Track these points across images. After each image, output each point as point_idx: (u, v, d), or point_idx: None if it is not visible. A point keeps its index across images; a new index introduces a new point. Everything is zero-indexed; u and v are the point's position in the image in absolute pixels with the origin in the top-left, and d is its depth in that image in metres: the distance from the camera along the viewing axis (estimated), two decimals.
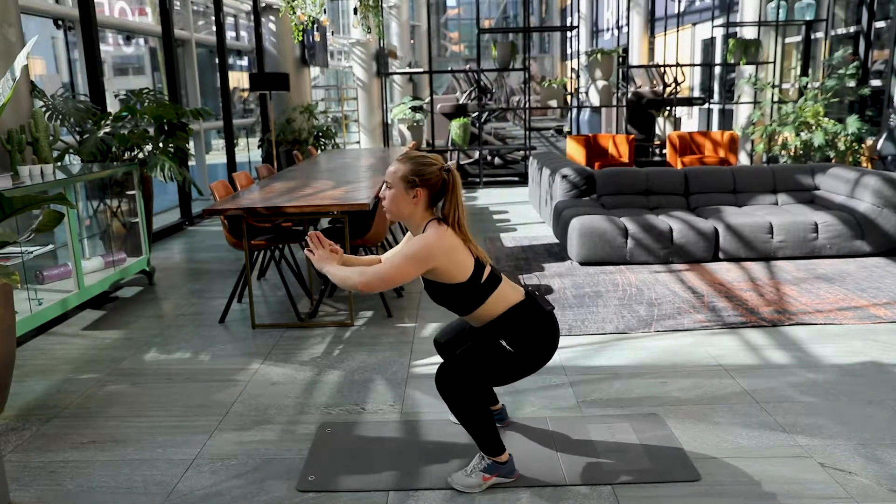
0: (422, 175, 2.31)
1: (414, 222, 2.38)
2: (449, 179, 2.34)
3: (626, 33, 13.29)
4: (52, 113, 5.39)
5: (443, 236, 2.29)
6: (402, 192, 2.33)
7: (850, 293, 4.53)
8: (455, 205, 2.34)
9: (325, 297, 4.79)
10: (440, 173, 2.33)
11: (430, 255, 2.27)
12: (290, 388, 3.34)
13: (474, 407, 2.35)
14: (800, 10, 9.41)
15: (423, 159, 2.34)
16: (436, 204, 2.38)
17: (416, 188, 2.32)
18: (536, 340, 2.38)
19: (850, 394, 3.11)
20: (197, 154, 8.95)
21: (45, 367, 3.71)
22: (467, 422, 2.37)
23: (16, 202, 2.71)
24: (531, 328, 2.38)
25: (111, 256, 5.02)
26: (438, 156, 2.42)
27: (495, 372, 2.38)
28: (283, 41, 10.44)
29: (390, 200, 2.35)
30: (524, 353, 2.37)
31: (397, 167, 2.34)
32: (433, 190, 2.33)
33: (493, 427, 2.41)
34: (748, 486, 2.41)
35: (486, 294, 2.35)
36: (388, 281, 2.29)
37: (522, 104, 11.00)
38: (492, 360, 2.37)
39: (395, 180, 2.33)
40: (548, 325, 2.40)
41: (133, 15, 8.71)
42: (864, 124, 7.89)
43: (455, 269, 2.31)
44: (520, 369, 2.40)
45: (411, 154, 2.38)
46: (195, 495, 2.45)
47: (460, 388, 2.32)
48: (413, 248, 2.29)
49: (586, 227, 5.39)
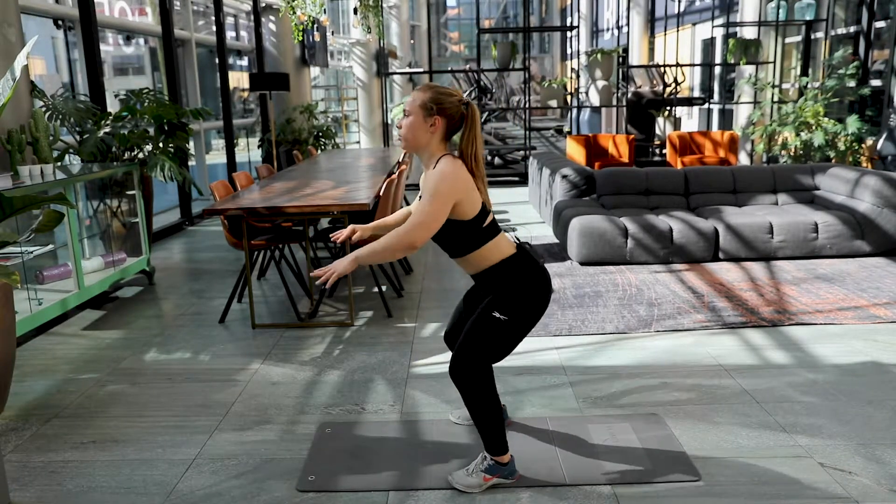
0: (440, 104, 2.30)
1: (428, 153, 2.36)
2: (468, 113, 2.33)
3: (626, 33, 13.29)
4: (52, 113, 5.39)
5: (458, 168, 2.28)
6: (420, 120, 2.32)
7: (850, 293, 4.53)
8: (473, 139, 2.33)
9: (325, 297, 4.79)
10: (459, 105, 2.33)
11: (454, 188, 2.25)
12: (290, 388, 3.34)
13: (487, 400, 2.36)
14: (800, 10, 9.41)
15: (444, 90, 2.34)
16: (451, 136, 2.37)
17: (433, 116, 2.31)
18: (528, 294, 2.37)
19: (850, 394, 3.11)
20: (197, 154, 8.95)
21: (45, 367, 3.71)
22: (479, 415, 2.38)
23: (16, 202, 2.71)
24: (524, 279, 2.37)
25: (111, 256, 5.02)
26: (458, 89, 2.42)
27: (497, 342, 2.38)
28: (283, 41, 10.44)
29: (407, 128, 2.34)
30: (517, 313, 2.36)
31: (417, 95, 2.34)
32: (451, 121, 2.33)
33: (502, 426, 2.43)
34: (748, 486, 2.41)
35: (484, 239, 2.35)
36: (428, 226, 2.24)
37: (522, 104, 11.00)
38: (490, 332, 2.37)
39: (414, 108, 2.33)
40: (540, 277, 2.40)
41: (133, 15, 8.71)
42: (864, 124, 7.89)
43: (467, 205, 2.29)
44: (517, 331, 2.39)
45: (431, 84, 2.38)
46: (195, 495, 2.45)
47: (472, 373, 2.34)
48: (435, 185, 2.25)
49: (586, 227, 5.39)
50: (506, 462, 2.43)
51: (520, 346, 3.66)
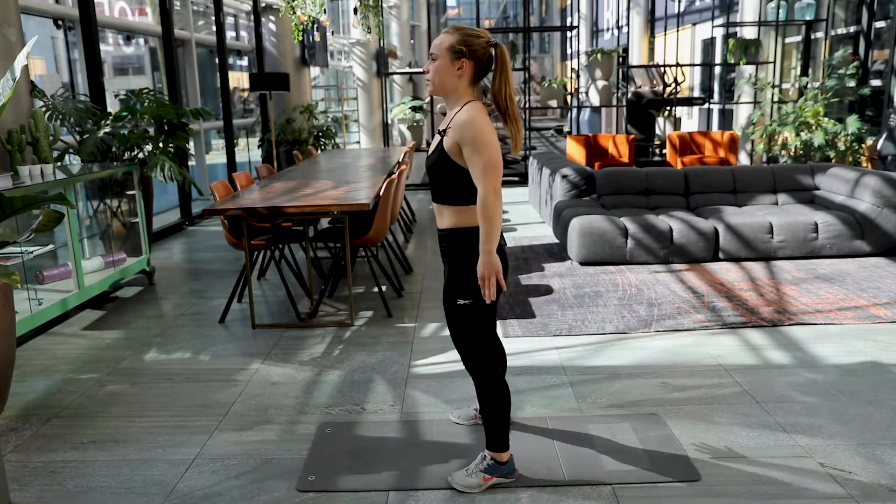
0: (469, 45, 2.27)
1: (455, 96, 2.33)
2: (497, 53, 2.29)
3: (626, 33, 13.29)
4: (52, 113, 5.39)
5: (484, 114, 2.26)
6: (448, 63, 2.28)
7: (850, 293, 4.53)
8: (504, 81, 2.29)
9: (325, 297, 4.78)
10: (487, 47, 2.29)
11: (489, 134, 2.22)
12: (290, 388, 3.34)
13: (500, 394, 2.39)
14: (800, 10, 9.41)
15: (472, 31, 2.30)
16: (480, 80, 2.34)
17: (462, 59, 2.27)
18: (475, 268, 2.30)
19: (850, 394, 3.11)
20: (197, 154, 8.95)
21: (45, 367, 3.71)
22: (490, 406, 2.40)
23: (16, 202, 2.71)
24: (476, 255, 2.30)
25: (111, 256, 5.02)
26: (487, 31, 2.38)
27: (475, 324, 2.36)
28: (283, 41, 10.44)
29: (434, 71, 2.31)
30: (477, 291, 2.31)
31: (444, 38, 2.30)
32: (479, 63, 2.29)
33: (508, 424, 2.44)
34: (748, 486, 2.41)
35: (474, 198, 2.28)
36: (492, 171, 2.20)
37: (522, 104, 11.00)
38: (464, 320, 2.36)
39: (441, 51, 2.29)
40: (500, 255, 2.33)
41: (133, 15, 8.71)
42: (864, 124, 7.89)
43: None
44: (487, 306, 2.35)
45: (457, 26, 2.34)
46: (195, 495, 2.45)
47: (479, 360, 2.37)
48: (475, 139, 2.21)
49: (586, 227, 5.39)
50: (505, 461, 2.43)
51: (520, 346, 3.68)
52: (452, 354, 3.67)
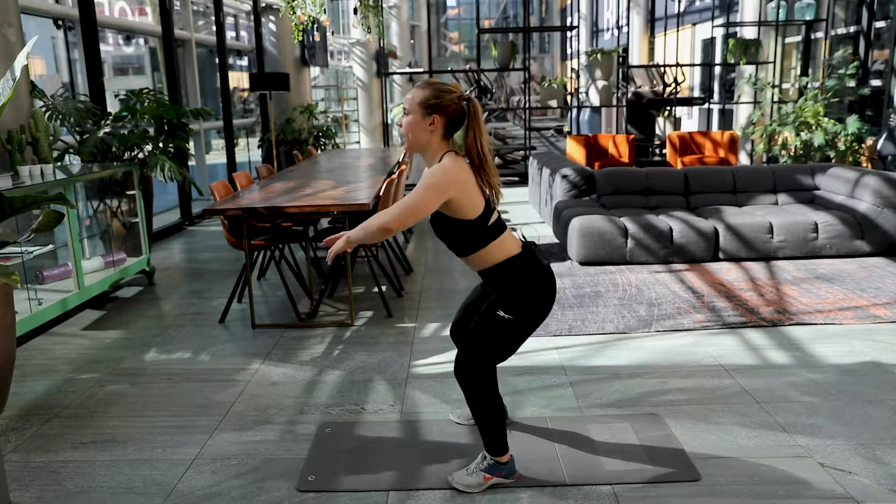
0: (440, 101, 2.28)
1: (430, 151, 2.34)
2: (469, 107, 2.29)
3: (626, 33, 13.29)
4: (52, 113, 5.39)
5: (460, 166, 2.27)
6: (419, 119, 2.30)
7: (850, 293, 4.53)
8: (477, 133, 2.30)
9: (325, 297, 4.78)
10: (459, 101, 2.30)
11: (450, 183, 2.23)
12: (290, 388, 3.34)
13: (490, 399, 2.36)
14: (800, 10, 9.41)
15: (443, 86, 2.31)
16: (453, 134, 2.34)
17: (433, 115, 2.28)
18: (533, 294, 2.36)
19: (850, 394, 3.11)
20: (197, 154, 8.95)
21: (45, 367, 3.71)
22: (481, 414, 2.38)
23: (16, 202, 2.71)
24: (528, 280, 2.35)
25: (111, 256, 5.02)
26: (459, 84, 2.39)
27: (501, 340, 2.37)
28: (283, 41, 10.44)
29: (407, 126, 2.32)
30: (521, 312, 2.35)
31: (416, 93, 2.31)
32: (451, 118, 2.30)
33: (503, 426, 2.43)
34: (748, 486, 2.41)
35: (489, 238, 2.33)
36: (413, 211, 2.23)
37: (522, 104, 11.00)
38: (494, 331, 2.36)
39: (413, 106, 2.31)
40: (545, 277, 2.39)
41: (133, 15, 8.71)
42: (864, 124, 7.89)
43: (467, 205, 2.28)
44: (522, 331, 2.38)
45: (430, 81, 2.35)
46: (195, 495, 2.45)
47: (475, 371, 2.34)
48: (432, 177, 2.25)
49: (586, 227, 5.39)
50: (505, 462, 2.43)
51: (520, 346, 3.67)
52: (452, 354, 3.65)
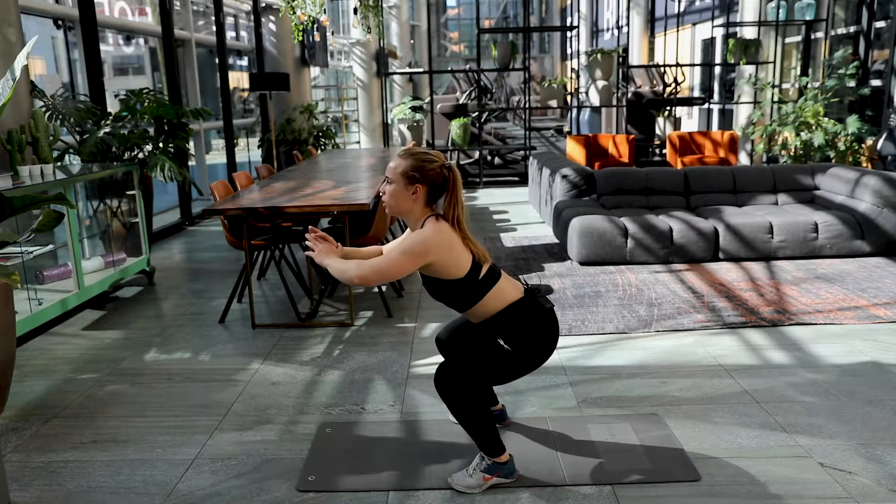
0: (422, 171, 2.32)
1: (412, 218, 2.38)
2: (450, 177, 2.34)
3: (626, 33, 13.29)
4: (52, 113, 5.39)
5: (440, 232, 2.29)
6: (402, 188, 2.33)
7: (850, 293, 4.53)
8: (455, 202, 2.35)
9: (325, 297, 4.79)
10: (441, 170, 2.34)
11: (427, 250, 2.27)
12: (290, 388, 3.34)
13: (473, 407, 2.34)
14: (800, 10, 9.41)
15: (425, 156, 2.35)
16: (435, 201, 2.39)
17: (415, 184, 2.32)
18: (535, 338, 2.37)
19: (850, 394, 3.11)
20: (197, 154, 8.95)
21: (45, 367, 3.71)
22: (466, 422, 2.37)
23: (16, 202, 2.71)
24: (530, 325, 2.37)
25: (111, 256, 5.02)
26: (440, 153, 2.42)
27: (494, 371, 2.38)
28: (283, 41, 10.44)
29: (390, 195, 2.36)
30: (523, 351, 2.37)
31: (398, 163, 2.35)
32: (433, 187, 2.34)
33: (493, 427, 2.41)
34: (748, 486, 2.41)
35: (483, 290, 2.35)
36: (385, 275, 2.30)
37: (522, 104, 11.00)
38: (490, 359, 2.37)
39: (396, 176, 2.34)
40: (547, 322, 2.39)
41: (133, 15, 8.71)
42: (864, 124, 7.89)
43: (452, 265, 2.31)
44: (518, 368, 2.39)
45: (413, 150, 2.38)
46: (195, 495, 2.45)
47: (459, 389, 2.31)
48: (410, 243, 2.30)
49: (586, 227, 5.39)
50: (505, 461, 2.43)
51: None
52: None
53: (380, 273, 2.30)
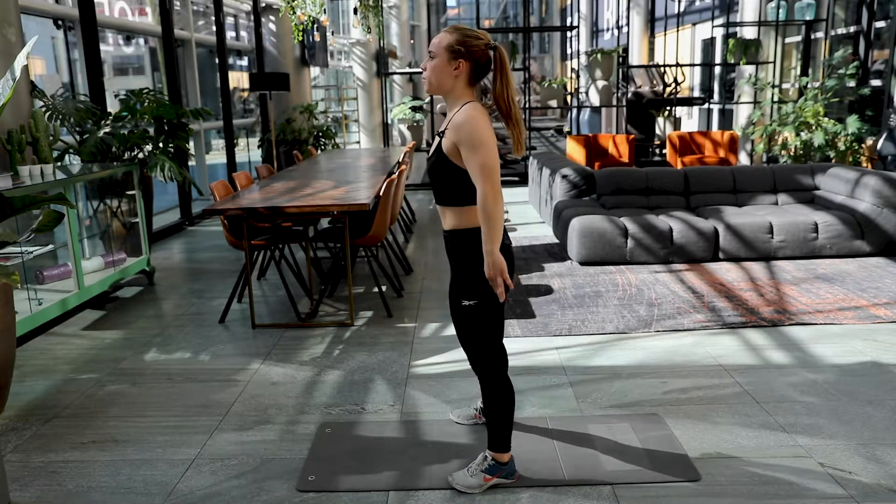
0: (467, 46, 2.26)
1: (453, 96, 2.32)
2: (496, 56, 2.28)
3: (626, 33, 13.29)
4: (52, 113, 5.39)
5: (483, 114, 2.25)
6: (445, 63, 2.28)
7: (850, 293, 4.53)
8: (505, 84, 2.28)
9: (325, 297, 4.79)
10: (486, 49, 2.29)
11: (486, 132, 2.20)
12: (290, 388, 3.34)
13: (506, 395, 2.40)
14: (800, 10, 9.41)
15: (471, 32, 2.30)
16: (478, 80, 2.33)
17: (459, 59, 2.27)
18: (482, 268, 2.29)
19: (850, 394, 3.11)
20: (197, 154, 8.95)
21: (45, 367, 3.71)
22: (495, 406, 2.40)
23: (16, 202, 2.71)
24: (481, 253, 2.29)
25: (111, 256, 5.02)
26: (486, 33, 2.37)
27: (482, 325, 2.36)
28: (283, 41, 10.44)
29: (431, 70, 2.30)
30: (482, 292, 2.31)
31: (443, 37, 2.30)
32: (476, 64, 2.29)
33: (511, 425, 2.44)
34: (748, 486, 2.41)
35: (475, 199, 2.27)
36: (489, 172, 2.19)
37: (522, 104, 11.00)
38: (470, 321, 2.37)
39: (440, 50, 2.29)
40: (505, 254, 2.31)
41: (133, 15, 8.71)
42: (864, 124, 7.89)
43: None
44: (493, 306, 2.34)
45: (458, 26, 2.34)
46: (195, 495, 2.45)
47: (487, 360, 2.37)
48: (471, 136, 2.20)
49: (586, 227, 5.39)
50: (506, 462, 2.43)
51: (520, 347, 3.68)
52: (452, 354, 3.67)
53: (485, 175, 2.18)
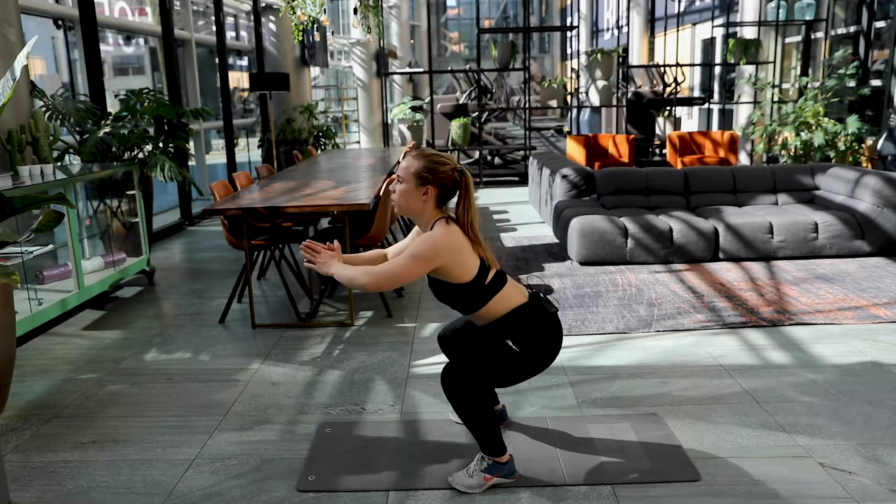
0: (434, 173, 2.32)
1: (423, 219, 2.38)
2: (462, 181, 2.34)
3: (626, 33, 13.30)
4: (52, 113, 5.39)
5: (449, 235, 2.29)
6: (413, 189, 2.33)
7: (850, 293, 4.53)
8: (468, 207, 2.34)
9: (325, 297, 4.79)
10: (453, 174, 2.34)
11: (436, 254, 2.27)
12: (290, 388, 3.34)
13: (479, 407, 2.35)
14: (800, 10, 9.41)
15: (438, 158, 2.34)
16: (445, 203, 2.38)
17: (427, 185, 2.32)
18: (539, 342, 2.38)
19: (850, 394, 3.11)
20: (197, 154, 8.95)
21: (45, 367, 3.71)
22: (471, 422, 2.37)
23: (16, 202, 2.71)
24: (534, 329, 2.37)
25: (111, 256, 5.02)
26: (452, 156, 2.42)
27: (500, 372, 2.38)
28: (283, 41, 10.44)
29: (400, 195, 2.36)
30: (528, 353, 2.37)
31: (411, 163, 2.34)
32: (444, 189, 2.34)
33: (496, 427, 2.42)
34: (748, 486, 2.41)
35: (489, 295, 2.35)
36: (395, 280, 2.29)
37: (522, 104, 11.00)
38: (497, 360, 2.37)
39: (408, 175, 2.33)
40: (551, 326, 2.39)
41: (133, 15, 8.71)
42: (864, 124, 7.89)
43: (459, 269, 2.31)
44: (524, 370, 2.40)
45: (426, 151, 2.37)
46: (195, 495, 2.45)
47: (466, 389, 2.31)
48: (419, 247, 2.29)
49: (586, 227, 5.39)
50: (505, 462, 2.43)
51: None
52: None
53: (390, 278, 2.29)
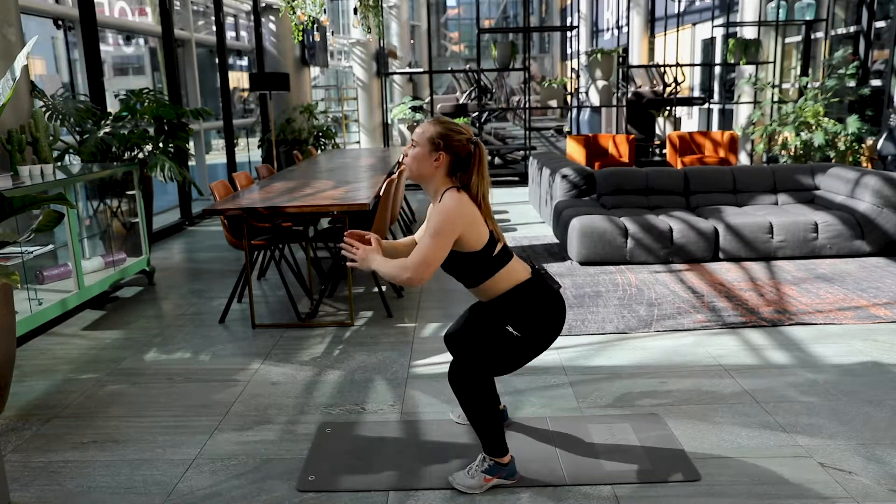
0: (448, 140, 2.32)
1: (432, 186, 2.38)
2: (475, 152, 2.35)
3: (626, 33, 13.29)
4: (52, 113, 5.39)
5: (461, 204, 2.29)
6: (426, 153, 2.33)
7: (850, 293, 4.53)
8: (480, 178, 2.35)
9: (325, 297, 4.79)
10: (467, 144, 2.34)
11: (454, 225, 2.26)
12: (290, 388, 3.34)
13: (485, 404, 2.35)
14: (800, 10, 9.41)
15: (454, 126, 2.35)
16: (456, 172, 2.38)
17: (439, 151, 2.32)
18: (543, 318, 2.38)
19: (850, 394, 3.11)
20: (197, 154, 8.95)
21: (45, 367, 3.71)
22: (476, 420, 2.37)
23: (16, 202, 2.71)
24: (538, 305, 2.37)
25: (111, 256, 5.02)
26: (469, 127, 2.41)
27: (503, 356, 2.38)
28: (283, 41, 10.44)
29: (412, 158, 2.36)
30: (531, 333, 2.37)
31: (426, 128, 2.35)
32: (457, 157, 2.34)
33: (501, 428, 2.42)
34: (748, 486, 2.41)
35: (496, 268, 2.35)
36: (429, 264, 2.27)
37: (522, 104, 11.00)
38: (498, 345, 2.37)
39: (422, 140, 2.34)
40: (555, 302, 2.40)
41: (133, 15, 8.71)
42: (864, 124, 7.89)
43: (472, 238, 2.30)
44: (526, 352, 2.40)
45: (442, 118, 2.38)
46: (195, 495, 2.45)
47: (472, 382, 2.32)
48: (437, 223, 2.27)
49: (586, 226, 5.39)
50: (506, 463, 2.43)
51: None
52: None
53: (423, 265, 2.26)
